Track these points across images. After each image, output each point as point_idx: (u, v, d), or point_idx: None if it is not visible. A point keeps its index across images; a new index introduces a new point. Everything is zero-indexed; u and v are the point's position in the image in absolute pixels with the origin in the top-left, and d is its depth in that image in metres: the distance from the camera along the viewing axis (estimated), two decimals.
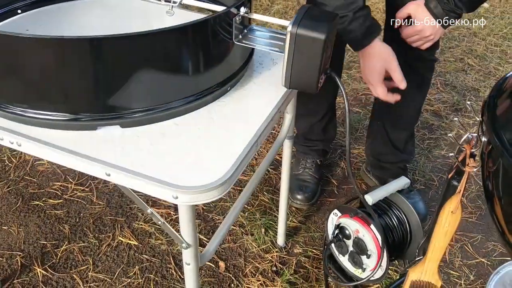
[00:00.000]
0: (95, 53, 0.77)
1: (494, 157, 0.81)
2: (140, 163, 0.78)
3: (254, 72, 1.04)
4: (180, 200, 0.75)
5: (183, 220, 0.81)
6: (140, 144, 0.82)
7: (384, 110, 1.68)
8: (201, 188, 0.74)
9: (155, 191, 0.76)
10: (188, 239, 0.83)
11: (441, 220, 0.92)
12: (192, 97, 0.88)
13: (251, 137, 0.85)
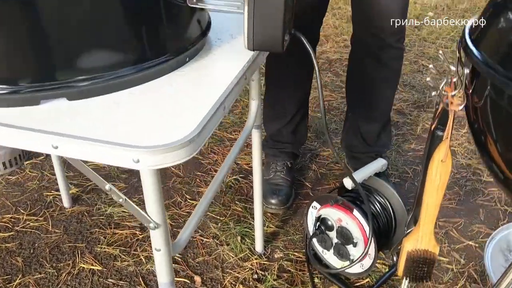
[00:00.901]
0: (26, 8, 0.68)
1: (479, 89, 0.75)
2: (92, 130, 0.67)
3: (213, 46, 0.96)
4: (143, 163, 0.65)
5: (148, 192, 0.70)
6: (91, 115, 0.71)
7: (356, 103, 1.64)
8: (166, 146, 0.64)
9: (111, 158, 0.65)
10: (156, 217, 0.72)
11: (431, 173, 0.84)
12: (146, 64, 0.79)
13: (218, 97, 0.76)
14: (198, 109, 0.73)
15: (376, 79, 1.54)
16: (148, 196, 0.71)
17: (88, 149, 0.65)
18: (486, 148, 0.80)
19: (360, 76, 1.59)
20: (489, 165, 0.83)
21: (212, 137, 1.94)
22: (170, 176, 1.72)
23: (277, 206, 1.58)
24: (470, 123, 0.85)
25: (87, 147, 0.65)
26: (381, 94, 1.57)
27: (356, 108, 1.65)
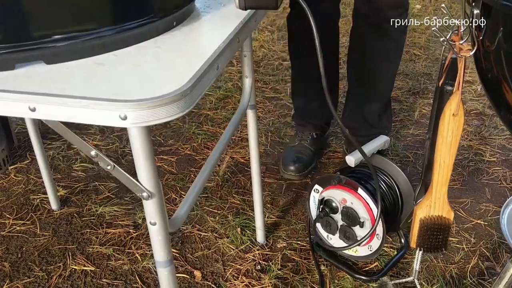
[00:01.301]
0: None
1: (491, 31, 0.70)
2: (73, 89, 0.61)
3: (201, 13, 0.90)
4: (130, 120, 0.58)
5: (138, 156, 0.63)
6: (72, 76, 0.65)
7: (357, 80, 1.60)
8: (156, 100, 0.58)
9: (96, 116, 0.58)
10: (149, 185, 0.65)
11: (443, 130, 0.79)
12: (128, 24, 0.73)
13: (210, 55, 0.70)
14: (190, 66, 0.66)
15: (377, 52, 1.49)
16: (139, 161, 0.64)
17: (69, 108, 0.59)
18: (504, 99, 0.74)
19: (361, 50, 1.53)
20: (508, 119, 0.77)
21: (204, 133, 1.87)
22: (162, 173, 1.64)
23: (293, 173, 1.60)
24: (482, 75, 0.79)
25: (68, 106, 0.59)
26: (382, 69, 1.52)
27: (357, 86, 1.60)
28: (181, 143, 1.82)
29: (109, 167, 0.66)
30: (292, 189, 1.58)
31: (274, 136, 1.87)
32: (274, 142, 1.83)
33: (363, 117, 1.61)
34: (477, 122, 1.93)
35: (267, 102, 2.12)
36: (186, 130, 1.91)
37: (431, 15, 3.14)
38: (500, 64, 0.71)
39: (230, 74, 2.37)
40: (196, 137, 1.86)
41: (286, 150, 1.70)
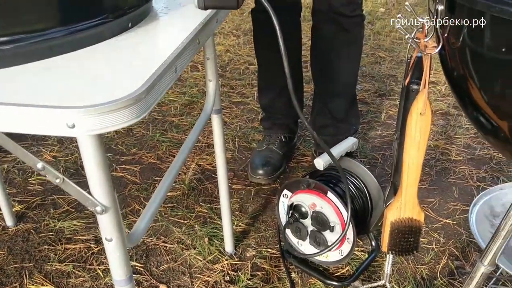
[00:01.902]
0: None
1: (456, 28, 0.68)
2: (15, 96, 0.55)
3: (159, 14, 0.86)
4: (79, 128, 0.53)
5: (90, 167, 0.58)
6: (15, 81, 0.59)
7: (320, 76, 1.60)
8: (108, 105, 0.53)
9: (41, 124, 0.53)
10: (103, 198, 0.61)
11: (411, 130, 0.77)
12: (79, 25, 0.68)
13: (168, 56, 0.66)
14: (146, 68, 0.62)
15: (336, 47, 1.50)
16: (91, 172, 0.59)
17: (13, 116, 0.53)
18: (470, 97, 0.73)
19: (321, 46, 1.54)
20: (475, 117, 0.76)
21: (169, 140, 1.82)
22: (125, 184, 1.58)
23: (262, 176, 1.57)
24: (448, 73, 0.78)
25: (12, 114, 0.53)
26: (343, 63, 1.53)
27: (321, 83, 1.61)
28: (144, 151, 1.76)
29: (57, 180, 0.61)
30: (261, 195, 1.54)
31: (242, 141, 1.83)
32: (241, 147, 1.80)
33: (330, 113, 1.60)
34: (442, 122, 1.94)
35: (234, 107, 2.08)
36: (150, 137, 1.85)
37: (394, 18, 3.18)
38: (465, 62, 0.69)
39: (195, 80, 2.33)
40: (161, 144, 1.80)
41: (254, 155, 1.66)
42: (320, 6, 1.46)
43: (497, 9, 0.58)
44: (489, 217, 1.00)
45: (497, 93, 0.68)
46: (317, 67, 1.60)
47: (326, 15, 1.45)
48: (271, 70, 1.62)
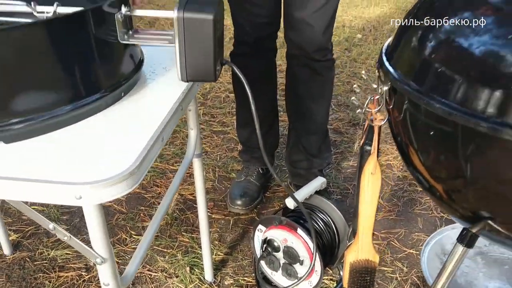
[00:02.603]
0: None
1: (398, 104, 0.82)
2: (31, 171, 0.67)
3: (147, 80, 0.98)
4: (85, 200, 0.65)
5: (92, 228, 0.71)
6: (29, 155, 0.71)
7: (295, 115, 1.74)
8: (107, 180, 0.66)
9: (54, 197, 0.66)
10: (102, 252, 0.73)
11: (363, 186, 0.90)
12: (81, 102, 0.80)
13: (155, 130, 0.78)
14: (137, 142, 0.75)
15: (308, 88, 1.64)
16: (93, 232, 0.71)
17: (30, 190, 0.66)
18: (410, 159, 0.86)
19: (294, 87, 1.68)
20: (415, 175, 0.89)
21: (154, 170, 1.94)
22: (112, 213, 1.69)
23: (240, 207, 1.71)
24: (394, 137, 0.92)
25: (29, 189, 0.65)
26: (315, 103, 1.66)
27: (295, 121, 1.74)
28: None
29: (65, 238, 0.73)
30: (239, 224, 1.67)
31: (222, 171, 1.95)
32: (221, 177, 1.92)
33: (304, 149, 1.74)
34: None
35: (214, 136, 2.21)
36: None
37: (371, 44, 3.34)
38: (405, 132, 0.83)
39: None
40: (146, 174, 1.91)
41: (233, 185, 1.79)
42: (294, 51, 1.60)
43: (425, 102, 0.72)
44: (440, 256, 1.14)
45: (431, 161, 0.81)
46: (292, 107, 1.73)
47: (300, 59, 1.59)
48: (249, 107, 1.74)
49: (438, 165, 0.81)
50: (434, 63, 0.73)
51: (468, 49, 0.71)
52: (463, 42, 0.72)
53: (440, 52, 0.73)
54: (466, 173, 0.76)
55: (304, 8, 1.48)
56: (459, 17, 0.74)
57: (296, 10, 1.49)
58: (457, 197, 0.84)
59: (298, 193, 1.33)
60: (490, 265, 1.16)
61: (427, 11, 0.81)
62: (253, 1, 1.52)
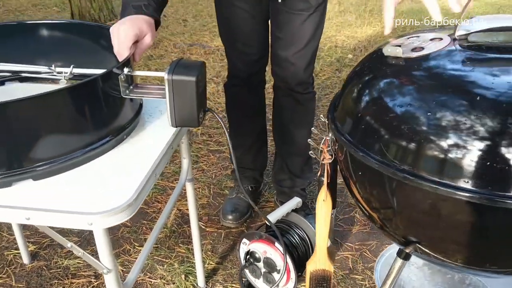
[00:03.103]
0: None
1: (341, 147, 1.03)
2: (55, 203, 0.90)
3: (146, 122, 1.21)
4: (95, 225, 0.88)
5: (100, 246, 0.93)
6: (52, 190, 0.94)
7: (280, 140, 1.97)
8: (112, 211, 0.88)
9: (71, 222, 0.88)
10: (108, 264, 0.95)
11: (318, 211, 1.12)
12: (91, 147, 1.02)
13: (149, 169, 1.01)
14: (134, 180, 0.97)
15: (291, 117, 1.86)
16: (101, 249, 0.93)
17: (53, 218, 0.88)
18: (352, 191, 1.07)
19: (279, 115, 1.91)
20: (357, 204, 1.11)
21: (155, 187, 2.16)
22: (118, 227, 1.92)
23: (231, 221, 1.93)
24: (340, 171, 1.13)
25: (53, 217, 0.88)
26: (299, 129, 1.88)
27: (280, 144, 1.97)
28: None
29: (80, 254, 0.95)
30: (230, 237, 1.89)
31: (216, 188, 2.18)
32: (216, 193, 2.14)
33: (288, 169, 1.95)
34: None
35: (211, 155, 2.43)
36: None
37: None
38: (347, 170, 1.04)
39: None
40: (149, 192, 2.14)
41: (225, 202, 2.01)
42: (279, 84, 1.83)
43: (355, 152, 0.93)
44: None
45: (366, 195, 1.03)
46: (277, 131, 1.96)
47: (284, 91, 1.82)
48: (240, 131, 1.98)
49: (372, 198, 1.02)
50: (363, 120, 0.94)
51: (389, 110, 0.92)
52: (386, 103, 0.93)
53: (367, 111, 0.95)
54: (393, 205, 0.97)
55: (287, 48, 1.71)
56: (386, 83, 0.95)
57: (281, 50, 1.72)
58: (390, 224, 1.04)
59: (275, 212, 1.55)
60: (435, 274, 1.36)
61: (363, 73, 1.03)
62: (244, 42, 1.75)
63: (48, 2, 5.90)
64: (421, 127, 0.85)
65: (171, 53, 3.94)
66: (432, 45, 0.93)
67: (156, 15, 1.24)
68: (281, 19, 1.69)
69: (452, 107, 0.84)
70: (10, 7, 5.72)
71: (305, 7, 1.64)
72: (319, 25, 1.71)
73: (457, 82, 0.88)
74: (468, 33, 0.93)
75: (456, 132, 0.81)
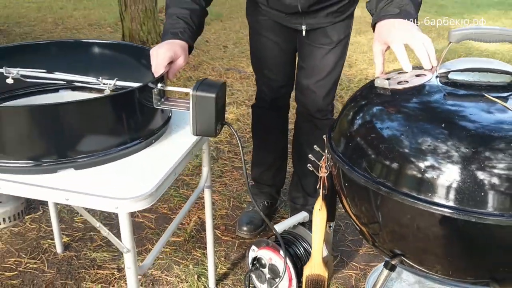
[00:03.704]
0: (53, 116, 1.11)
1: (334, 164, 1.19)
2: (90, 188, 1.09)
3: (172, 130, 1.40)
4: (120, 209, 1.06)
5: (123, 227, 1.11)
6: (89, 178, 1.13)
7: (297, 160, 2.13)
8: (135, 198, 1.06)
9: (101, 205, 1.07)
10: (128, 244, 1.13)
11: (314, 218, 1.27)
12: (125, 146, 1.22)
13: (169, 168, 1.19)
14: (156, 175, 1.15)
15: (309, 139, 2.01)
16: (123, 230, 1.11)
17: (88, 200, 1.07)
18: (343, 205, 1.22)
19: (299, 138, 2.08)
20: (351, 220, 1.25)
21: (180, 196, 2.35)
22: (143, 228, 2.11)
23: (246, 232, 2.09)
24: (334, 185, 1.28)
25: (87, 199, 1.07)
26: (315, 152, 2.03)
27: (297, 164, 2.13)
28: (160, 203, 2.30)
29: (105, 233, 1.14)
30: (243, 246, 2.04)
31: (236, 202, 2.35)
32: (235, 206, 2.31)
33: (302, 188, 2.11)
34: None
35: (234, 171, 2.61)
36: (165, 192, 2.38)
37: None
38: (339, 184, 1.19)
39: None
40: (173, 199, 2.33)
41: (242, 214, 2.18)
42: (301, 109, 2.00)
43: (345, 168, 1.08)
44: None
45: (355, 210, 1.17)
46: (296, 152, 2.13)
47: (304, 115, 1.99)
48: (262, 150, 2.15)
49: (360, 213, 1.16)
50: (353, 140, 1.10)
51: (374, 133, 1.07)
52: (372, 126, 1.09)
53: (356, 132, 1.10)
54: (378, 220, 1.10)
55: (309, 78, 1.88)
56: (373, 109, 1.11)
57: (304, 78, 1.90)
58: (377, 238, 1.16)
59: (282, 223, 1.70)
60: None
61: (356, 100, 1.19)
62: (270, 69, 1.94)
63: (103, 23, 6.33)
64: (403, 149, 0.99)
65: (209, 75, 4.18)
66: (416, 80, 1.09)
67: (190, 41, 1.45)
68: (305, 51, 1.87)
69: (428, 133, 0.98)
70: (69, 25, 6.17)
71: (326, 42, 1.82)
72: (340, 58, 1.88)
73: (435, 112, 1.04)
74: (448, 71, 1.09)
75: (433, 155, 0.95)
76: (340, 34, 1.81)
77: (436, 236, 1.03)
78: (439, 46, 5.70)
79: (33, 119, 1.10)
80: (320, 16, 1.75)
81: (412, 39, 1.17)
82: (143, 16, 5.08)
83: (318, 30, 1.79)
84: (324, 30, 1.79)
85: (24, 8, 7.29)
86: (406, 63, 1.16)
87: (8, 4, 7.54)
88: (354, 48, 5.21)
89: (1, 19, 6.51)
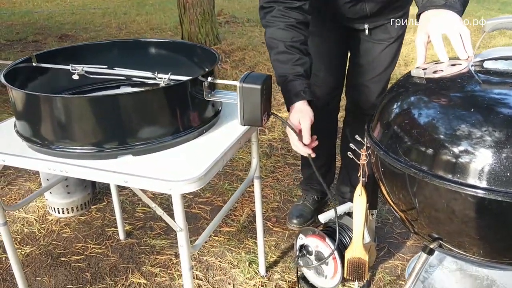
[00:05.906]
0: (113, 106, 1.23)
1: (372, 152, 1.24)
2: (146, 172, 1.20)
3: (223, 121, 1.49)
4: (173, 190, 1.17)
5: (176, 208, 1.22)
6: (146, 163, 1.25)
7: (345, 156, 2.17)
8: (187, 181, 1.16)
9: (157, 187, 1.18)
10: (181, 224, 1.23)
11: (354, 204, 1.32)
12: (178, 134, 1.33)
13: (218, 155, 1.28)
14: (206, 161, 1.25)
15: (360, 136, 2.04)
16: (177, 211, 1.22)
17: (144, 182, 1.18)
18: (383, 193, 1.26)
19: (348, 133, 2.12)
20: (391, 208, 1.29)
21: (235, 190, 2.46)
22: (199, 219, 2.23)
23: (296, 225, 2.17)
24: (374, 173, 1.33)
25: (144, 181, 1.18)
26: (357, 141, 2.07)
27: (345, 159, 2.16)
28: (215, 196, 2.41)
29: (160, 213, 1.25)
30: (292, 237, 2.11)
31: (287, 196, 2.42)
32: (286, 200, 2.39)
33: (350, 183, 2.15)
34: None
35: (287, 167, 2.69)
36: (221, 186, 2.50)
37: None
38: (378, 171, 1.23)
39: (260, 142, 2.97)
40: (228, 192, 2.44)
41: (293, 207, 2.25)
42: (351, 107, 2.04)
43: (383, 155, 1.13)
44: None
45: (395, 193, 1.21)
46: (344, 147, 2.17)
47: (355, 113, 2.02)
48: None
49: (399, 201, 1.20)
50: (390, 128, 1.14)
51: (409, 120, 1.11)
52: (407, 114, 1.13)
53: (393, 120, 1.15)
54: (416, 205, 1.13)
55: (365, 74, 1.91)
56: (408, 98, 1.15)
57: (359, 75, 1.93)
58: (416, 224, 1.20)
59: (327, 213, 1.75)
60: (466, 279, 1.48)
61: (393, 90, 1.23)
62: (329, 70, 1.96)
63: (164, 27, 6.61)
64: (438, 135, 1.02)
65: None
66: (451, 69, 1.13)
67: (312, 96, 1.49)
68: (363, 48, 1.89)
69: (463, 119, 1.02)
70: (132, 30, 6.49)
71: (386, 37, 1.84)
72: (396, 54, 1.90)
73: (469, 99, 1.07)
74: (483, 60, 1.11)
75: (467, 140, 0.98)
76: (399, 30, 1.84)
77: (470, 218, 1.05)
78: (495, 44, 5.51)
79: (97, 109, 1.23)
80: (384, 13, 1.78)
81: (449, 29, 1.19)
82: (201, 19, 5.27)
83: (379, 27, 1.83)
84: (385, 27, 1.82)
85: (90, 14, 7.75)
86: (442, 53, 1.19)
87: (76, 11, 8.04)
88: (412, 47, 5.14)
89: (69, 25, 6.95)
